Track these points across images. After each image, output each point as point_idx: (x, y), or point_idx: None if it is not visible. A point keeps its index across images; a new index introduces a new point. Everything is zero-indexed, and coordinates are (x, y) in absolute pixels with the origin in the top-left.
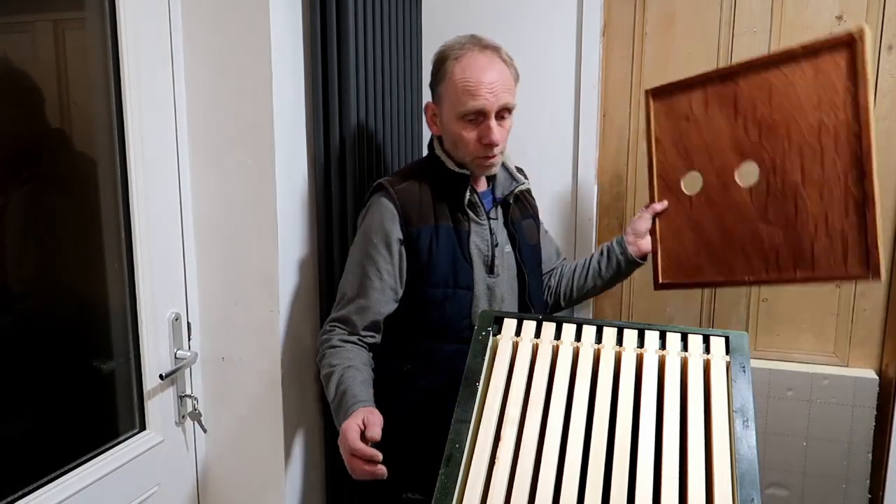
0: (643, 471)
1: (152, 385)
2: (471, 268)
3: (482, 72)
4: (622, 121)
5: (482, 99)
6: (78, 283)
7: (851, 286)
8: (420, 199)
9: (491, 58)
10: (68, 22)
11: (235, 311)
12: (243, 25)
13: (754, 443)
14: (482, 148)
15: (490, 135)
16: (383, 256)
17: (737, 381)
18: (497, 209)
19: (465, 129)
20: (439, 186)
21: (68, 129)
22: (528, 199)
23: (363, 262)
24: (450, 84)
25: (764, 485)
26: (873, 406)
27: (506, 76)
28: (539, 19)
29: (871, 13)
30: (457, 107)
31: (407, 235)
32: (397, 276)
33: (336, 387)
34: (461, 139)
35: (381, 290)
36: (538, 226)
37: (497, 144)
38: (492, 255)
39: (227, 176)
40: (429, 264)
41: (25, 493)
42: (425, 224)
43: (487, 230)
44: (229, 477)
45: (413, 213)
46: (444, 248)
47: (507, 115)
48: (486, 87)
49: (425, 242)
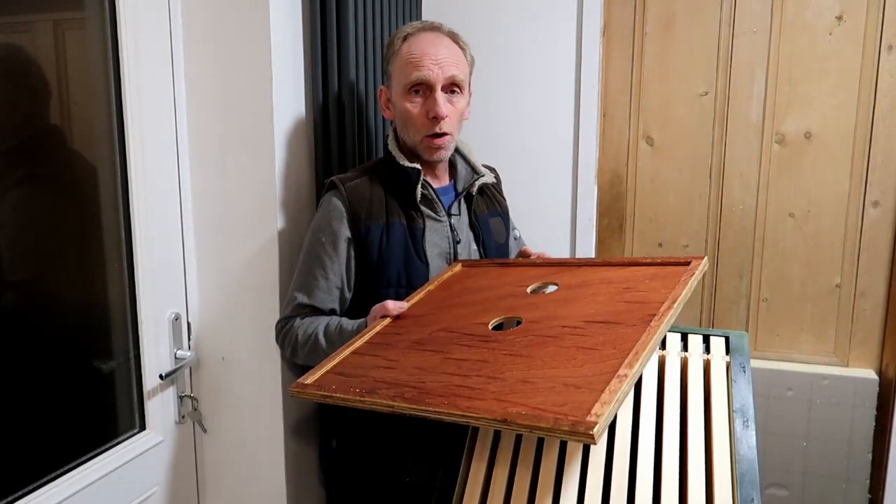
0: (643, 471)
1: (152, 385)
2: (426, 267)
3: (427, 45)
4: (622, 121)
5: (426, 69)
6: (78, 283)
7: (851, 286)
8: (371, 196)
9: (440, 36)
10: (68, 22)
11: (235, 311)
12: (243, 25)
13: (754, 443)
14: (429, 123)
15: (436, 107)
16: (329, 256)
17: (737, 381)
18: (460, 206)
19: (412, 103)
20: (391, 183)
21: (68, 129)
22: (496, 196)
23: (310, 261)
24: (397, 61)
25: (764, 485)
26: (873, 406)
27: (455, 54)
28: (539, 19)
29: (871, 13)
30: (402, 80)
31: (356, 234)
32: (344, 276)
33: (325, 332)
34: (408, 115)
35: (327, 289)
36: (507, 224)
37: (443, 117)
38: (454, 253)
39: (227, 176)
40: (379, 263)
41: (25, 493)
42: (375, 222)
43: (447, 227)
44: (229, 477)
45: (362, 211)
46: (395, 246)
47: (458, 92)
48: (431, 59)
49: (375, 241)
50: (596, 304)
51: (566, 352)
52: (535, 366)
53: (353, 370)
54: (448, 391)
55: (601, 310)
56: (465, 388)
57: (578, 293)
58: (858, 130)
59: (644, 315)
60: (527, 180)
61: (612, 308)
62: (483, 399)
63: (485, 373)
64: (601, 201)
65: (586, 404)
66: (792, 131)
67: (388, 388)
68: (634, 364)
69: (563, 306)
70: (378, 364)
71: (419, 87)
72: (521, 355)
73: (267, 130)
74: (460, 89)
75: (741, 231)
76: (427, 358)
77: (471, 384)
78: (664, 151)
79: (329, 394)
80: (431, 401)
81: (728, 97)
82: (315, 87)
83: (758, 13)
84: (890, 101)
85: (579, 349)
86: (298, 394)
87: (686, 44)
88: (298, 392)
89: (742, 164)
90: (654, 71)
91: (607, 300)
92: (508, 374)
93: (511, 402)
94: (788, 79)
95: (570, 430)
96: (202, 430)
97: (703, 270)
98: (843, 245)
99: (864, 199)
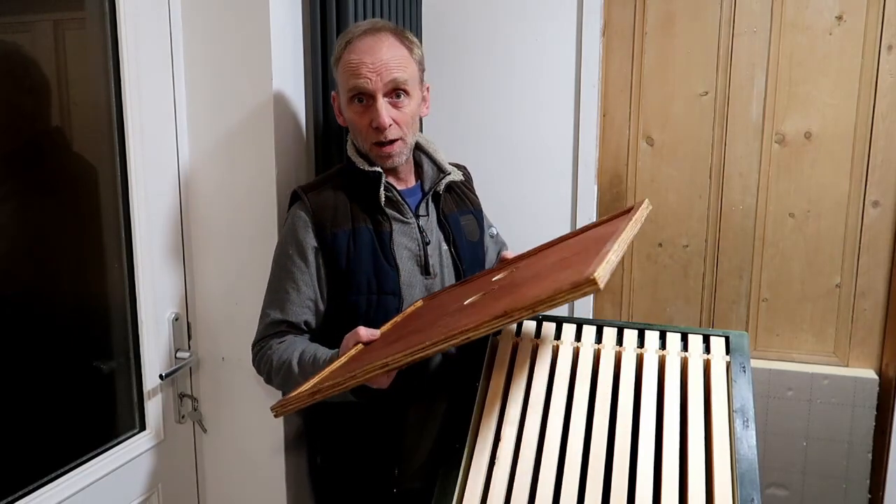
0: (643, 471)
1: (152, 385)
2: (395, 272)
3: (365, 52)
4: (622, 121)
5: (362, 78)
6: (78, 284)
7: (851, 286)
8: (335, 203)
9: (380, 38)
10: (68, 22)
11: (235, 311)
12: (243, 25)
13: (754, 443)
14: (374, 132)
15: (377, 117)
16: (299, 268)
17: (737, 381)
18: (428, 206)
19: (356, 112)
20: (354, 188)
21: (68, 129)
22: (467, 194)
23: (279, 275)
24: (340, 67)
25: (764, 485)
26: (873, 406)
27: (398, 55)
28: (539, 19)
29: (870, 13)
30: (345, 88)
31: (322, 242)
32: (315, 286)
33: (299, 360)
34: (354, 124)
35: (300, 302)
36: (480, 223)
37: (384, 127)
38: (424, 255)
39: (227, 176)
40: (348, 270)
41: (25, 493)
42: (341, 228)
43: (415, 229)
44: (229, 477)
45: (327, 218)
46: (363, 252)
47: (404, 96)
48: (368, 67)
49: (342, 247)
50: (561, 258)
51: (548, 274)
52: (524, 289)
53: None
54: (443, 328)
55: (569, 253)
56: (459, 315)
57: (542, 263)
58: (858, 130)
59: (606, 236)
60: (527, 180)
61: (577, 249)
62: (478, 313)
63: (476, 308)
64: (601, 201)
65: (583, 271)
66: (792, 131)
67: (376, 357)
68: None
69: (532, 268)
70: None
71: (360, 95)
72: (508, 289)
73: (267, 130)
74: (406, 92)
75: (741, 231)
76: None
77: (465, 315)
78: (664, 151)
79: (317, 388)
80: (425, 336)
81: (728, 97)
82: (316, 86)
83: (757, 13)
84: (890, 101)
85: (560, 268)
86: (281, 409)
87: (686, 44)
88: (281, 407)
89: (742, 163)
90: (654, 71)
91: (571, 254)
92: (502, 300)
93: (508, 303)
94: (788, 79)
95: (573, 286)
96: (202, 430)
97: (647, 209)
98: (843, 245)
99: (864, 199)
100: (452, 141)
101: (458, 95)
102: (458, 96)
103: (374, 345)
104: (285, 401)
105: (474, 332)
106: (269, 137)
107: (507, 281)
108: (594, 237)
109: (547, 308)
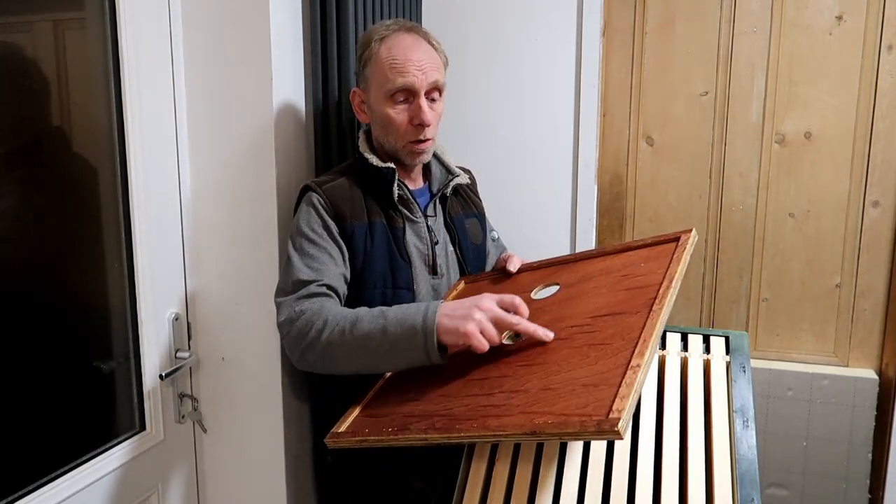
0: (643, 471)
1: (152, 385)
2: (409, 267)
3: (408, 50)
4: (622, 121)
5: (411, 76)
6: (78, 283)
7: (851, 286)
8: (351, 196)
9: (417, 38)
10: (68, 22)
11: (235, 311)
12: (244, 26)
13: (754, 443)
14: (413, 130)
15: (421, 114)
16: (326, 242)
17: (737, 381)
18: (435, 207)
19: (395, 110)
20: (367, 183)
21: (68, 129)
22: (471, 197)
23: (307, 251)
24: (376, 64)
25: (764, 485)
26: (873, 406)
27: (433, 57)
28: (539, 19)
29: (871, 13)
30: (385, 85)
31: (342, 232)
32: (344, 266)
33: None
34: (391, 122)
35: (336, 273)
36: (483, 226)
37: (429, 125)
38: (432, 255)
39: (227, 176)
40: (364, 266)
41: (25, 493)
42: (359, 221)
43: (424, 228)
44: (229, 477)
45: (345, 209)
46: (379, 246)
47: (438, 98)
48: (414, 65)
49: (360, 241)
50: (598, 298)
51: (579, 351)
52: (553, 371)
53: (381, 408)
54: (475, 413)
55: (604, 302)
56: (491, 407)
57: (580, 289)
58: (858, 130)
59: (646, 300)
60: (527, 180)
61: (614, 299)
62: (510, 415)
63: (507, 388)
64: (601, 201)
65: (607, 401)
66: (792, 131)
67: (419, 422)
68: (644, 352)
69: (567, 306)
70: (403, 398)
71: (402, 93)
72: (538, 363)
73: (267, 130)
74: (440, 93)
75: (741, 231)
76: (449, 382)
77: (495, 402)
78: (664, 151)
79: (364, 438)
80: (462, 426)
81: (728, 97)
82: (315, 87)
83: (757, 13)
84: (890, 101)
85: (591, 346)
86: (334, 443)
87: (686, 44)
88: (333, 442)
89: (742, 163)
90: (653, 71)
91: (608, 291)
92: (529, 385)
93: (536, 413)
94: (788, 79)
95: (597, 430)
96: (202, 430)
97: (694, 243)
98: (843, 245)
99: (864, 199)
100: (452, 141)
101: (458, 96)
102: (457, 96)
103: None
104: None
105: (505, 438)
106: (270, 137)
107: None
108: (639, 283)
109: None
